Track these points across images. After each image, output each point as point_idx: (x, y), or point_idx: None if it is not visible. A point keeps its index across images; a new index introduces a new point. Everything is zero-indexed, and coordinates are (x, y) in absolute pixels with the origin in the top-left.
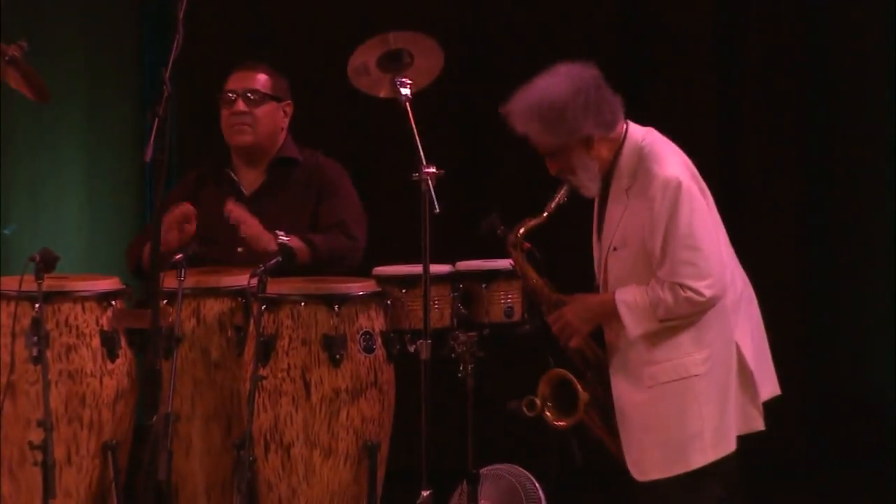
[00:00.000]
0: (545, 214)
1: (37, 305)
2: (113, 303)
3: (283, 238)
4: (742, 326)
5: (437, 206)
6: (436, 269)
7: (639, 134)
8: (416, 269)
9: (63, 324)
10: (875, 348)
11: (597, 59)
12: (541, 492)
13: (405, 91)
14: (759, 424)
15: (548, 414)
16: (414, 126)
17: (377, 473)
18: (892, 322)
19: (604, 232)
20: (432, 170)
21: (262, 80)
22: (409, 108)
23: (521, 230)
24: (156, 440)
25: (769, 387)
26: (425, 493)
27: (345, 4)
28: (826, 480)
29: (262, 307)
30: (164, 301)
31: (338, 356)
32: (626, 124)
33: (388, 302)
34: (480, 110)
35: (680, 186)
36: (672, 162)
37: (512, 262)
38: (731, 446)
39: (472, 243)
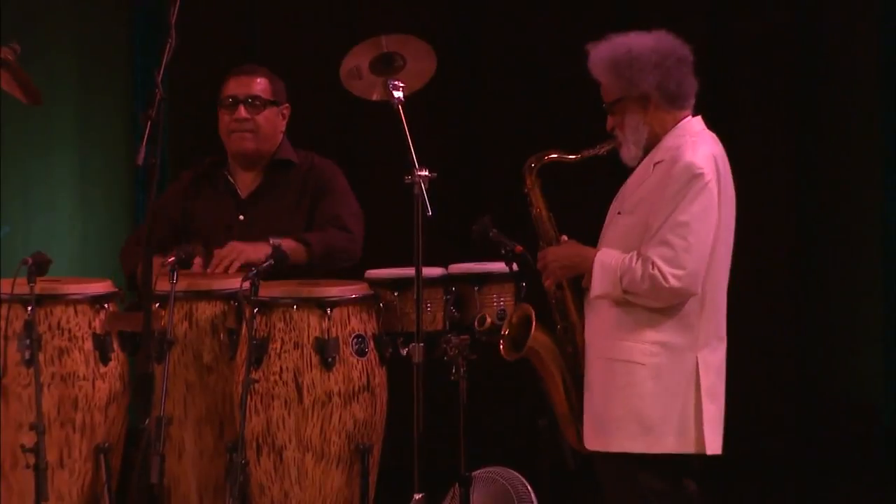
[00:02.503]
0: (575, 157)
1: (29, 308)
2: (105, 306)
3: (276, 241)
4: (708, 352)
5: (429, 209)
6: (428, 271)
7: (696, 128)
8: (409, 271)
9: (55, 327)
10: (866, 352)
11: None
12: (533, 495)
13: (398, 94)
14: (689, 447)
15: (502, 341)
16: (406, 129)
17: (369, 476)
18: (883, 326)
19: (619, 195)
20: (425, 173)
21: (262, 84)
22: (401, 112)
23: (546, 157)
24: (148, 443)
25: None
26: (417, 496)
27: (337, 7)
28: (816, 484)
29: (255, 310)
30: (157, 304)
31: (330, 359)
32: (692, 116)
33: (381, 305)
34: (473, 113)
35: (700, 177)
36: (702, 152)
37: (525, 188)
38: (662, 447)
39: (465, 246)
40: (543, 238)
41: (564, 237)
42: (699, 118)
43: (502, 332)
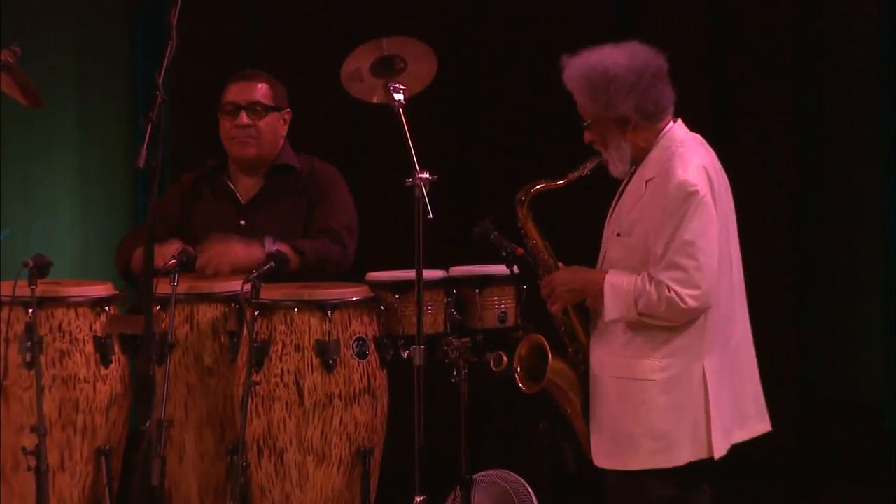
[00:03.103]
0: (562, 182)
1: (30, 311)
2: (106, 308)
3: (272, 248)
4: (712, 357)
5: (430, 212)
6: (429, 274)
7: (680, 135)
8: (410, 274)
9: (56, 329)
10: (866, 352)
11: None
12: (534, 497)
13: (398, 96)
14: (703, 452)
15: (517, 376)
16: (407, 131)
17: (370, 479)
18: (883, 326)
19: (613, 216)
20: (426, 175)
21: (263, 90)
22: (402, 114)
23: (534, 189)
24: (149, 446)
25: (752, 424)
26: (419, 499)
27: (338, 10)
28: (817, 484)
29: (256, 313)
30: (158, 307)
31: (331, 362)
32: (674, 122)
33: (382, 307)
34: (474, 115)
35: (695, 194)
36: (694, 166)
37: (519, 223)
38: (679, 459)
39: (466, 249)
40: (543, 267)
41: (561, 265)
42: (680, 122)
43: (514, 368)
